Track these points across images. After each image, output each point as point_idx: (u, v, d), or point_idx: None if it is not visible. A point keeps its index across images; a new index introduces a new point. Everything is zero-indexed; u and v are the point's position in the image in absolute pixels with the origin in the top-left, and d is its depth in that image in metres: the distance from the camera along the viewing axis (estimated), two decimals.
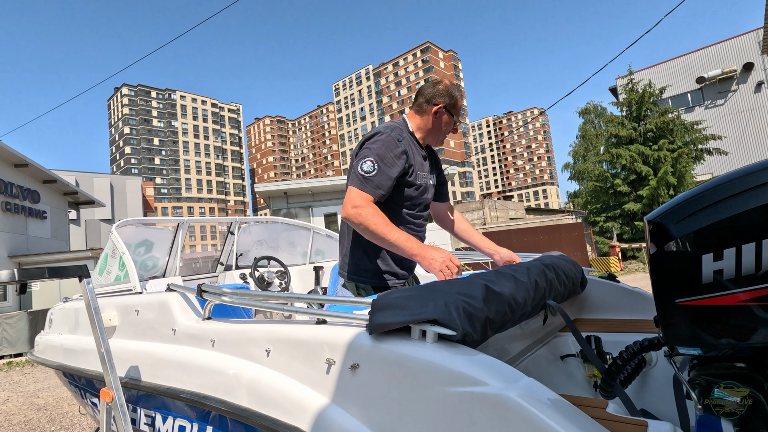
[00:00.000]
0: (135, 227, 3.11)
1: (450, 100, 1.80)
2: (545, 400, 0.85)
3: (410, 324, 1.03)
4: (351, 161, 1.77)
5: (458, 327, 1.01)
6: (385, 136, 1.68)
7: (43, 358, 2.82)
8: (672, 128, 18.97)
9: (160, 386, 1.64)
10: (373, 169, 1.59)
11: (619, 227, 19.02)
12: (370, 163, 1.61)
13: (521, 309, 1.29)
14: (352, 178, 1.65)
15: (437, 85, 1.81)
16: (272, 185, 15.39)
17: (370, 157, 1.62)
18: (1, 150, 11.75)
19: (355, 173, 1.63)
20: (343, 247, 1.85)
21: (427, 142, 1.89)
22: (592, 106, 31.96)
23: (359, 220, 1.56)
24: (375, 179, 1.60)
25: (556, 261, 1.70)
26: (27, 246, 13.09)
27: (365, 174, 1.59)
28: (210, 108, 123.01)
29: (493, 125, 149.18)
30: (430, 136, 1.85)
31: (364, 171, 1.60)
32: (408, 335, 1.04)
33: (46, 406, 5.56)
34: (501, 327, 1.18)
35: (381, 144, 1.66)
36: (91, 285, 1.53)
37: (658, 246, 1.18)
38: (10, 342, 10.43)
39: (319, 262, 4.23)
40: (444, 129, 1.83)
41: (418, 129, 1.83)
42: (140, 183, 37.58)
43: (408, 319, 1.03)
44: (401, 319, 1.03)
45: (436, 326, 1.00)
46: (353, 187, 1.61)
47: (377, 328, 1.07)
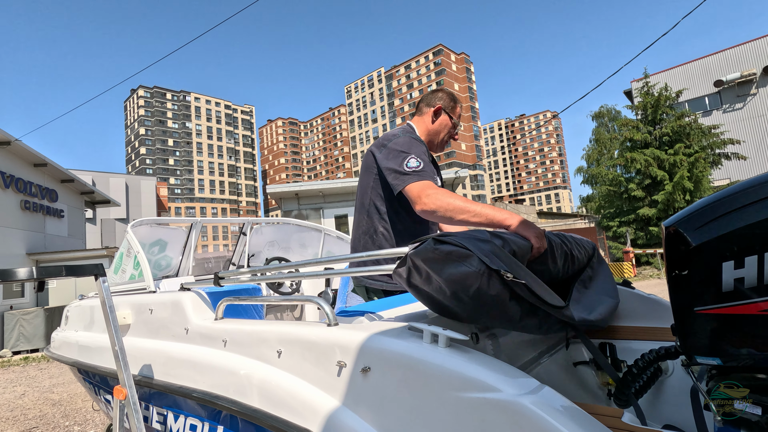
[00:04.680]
0: (149, 227, 3.15)
1: (449, 103, 1.88)
2: (559, 407, 0.84)
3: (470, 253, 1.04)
4: (373, 156, 1.76)
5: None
6: (405, 136, 1.73)
7: (59, 355, 2.87)
8: (689, 132, 18.66)
9: (173, 385, 1.65)
10: (419, 164, 1.61)
11: (633, 232, 18.73)
12: (413, 160, 1.62)
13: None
14: (398, 177, 1.61)
15: (437, 92, 1.92)
16: (284, 187, 15.50)
17: (411, 154, 1.64)
18: (20, 150, 12.04)
19: (403, 173, 1.60)
20: (356, 250, 1.86)
21: (431, 148, 1.92)
22: (606, 110, 31.62)
23: (438, 203, 1.49)
24: (426, 171, 1.61)
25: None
26: (45, 244, 13.36)
27: (415, 169, 1.59)
28: (223, 110, 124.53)
29: (505, 128, 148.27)
30: (433, 139, 1.89)
31: (412, 167, 1.60)
32: (420, 339, 1.04)
33: (61, 402, 5.66)
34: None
35: (408, 142, 1.70)
36: (107, 284, 1.56)
37: (676, 253, 1.16)
38: (27, 338, 10.65)
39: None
40: (443, 131, 1.87)
41: (422, 133, 1.88)
42: (155, 183, 38.11)
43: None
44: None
45: (448, 330, 1.00)
46: (414, 183, 1.56)
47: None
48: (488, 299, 1.06)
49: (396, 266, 1.19)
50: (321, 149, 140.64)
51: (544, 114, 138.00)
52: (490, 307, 1.08)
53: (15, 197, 12.10)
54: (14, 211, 12.06)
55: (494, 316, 1.12)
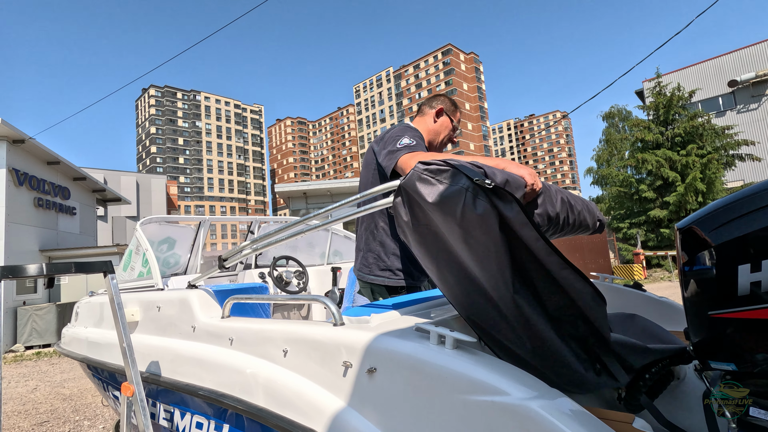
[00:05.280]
0: (158, 224, 3.18)
1: (450, 107, 1.94)
2: (569, 412, 0.82)
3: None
4: (373, 152, 1.78)
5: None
6: (400, 126, 1.78)
7: (69, 350, 2.91)
8: (702, 133, 18.37)
9: (179, 382, 1.66)
10: (412, 141, 1.61)
11: (644, 234, 18.50)
12: (407, 138, 1.63)
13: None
14: (391, 156, 1.59)
15: (438, 96, 2.00)
16: (292, 186, 15.56)
17: (405, 135, 1.65)
18: (34, 148, 12.22)
19: (394, 150, 1.59)
20: (359, 249, 1.87)
21: (430, 149, 1.94)
22: (616, 110, 31.26)
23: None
24: (419, 145, 1.62)
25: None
26: (57, 241, 13.56)
27: (408, 144, 1.60)
28: (233, 109, 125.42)
29: (514, 128, 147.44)
30: (433, 139, 1.93)
31: (404, 144, 1.60)
32: (426, 340, 1.03)
33: (71, 396, 5.74)
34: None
35: (403, 129, 1.74)
36: (115, 281, 1.57)
37: (689, 255, 1.13)
38: (39, 333, 10.82)
39: (337, 263, 4.24)
40: (443, 132, 1.91)
41: (423, 132, 1.91)
42: (165, 181, 38.48)
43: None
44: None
45: (455, 332, 0.98)
46: (404, 156, 1.54)
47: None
48: (475, 220, 0.98)
49: (393, 198, 1.16)
50: (329, 149, 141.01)
51: (554, 114, 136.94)
52: (477, 231, 1.00)
53: (29, 194, 12.29)
54: (28, 209, 12.25)
55: (482, 246, 1.02)
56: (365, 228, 1.85)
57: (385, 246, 1.78)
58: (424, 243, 1.12)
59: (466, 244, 1.02)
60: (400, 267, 1.79)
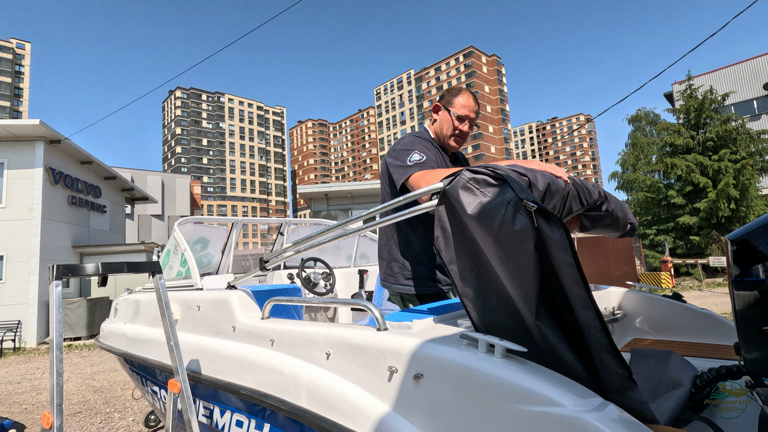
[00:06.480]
0: (194, 225, 3.26)
1: (448, 97, 1.89)
2: (623, 424, 0.81)
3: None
4: (386, 164, 1.79)
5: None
6: (410, 137, 1.81)
7: (109, 345, 3.01)
8: (735, 137, 17.71)
9: (220, 381, 1.70)
10: (421, 157, 1.63)
11: (672, 241, 17.94)
12: (416, 154, 1.65)
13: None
14: (402, 171, 1.63)
15: (443, 93, 1.98)
16: (314, 187, 15.72)
17: (414, 150, 1.67)
18: (69, 148, 12.71)
19: (405, 166, 1.62)
20: (383, 259, 1.89)
21: (444, 146, 1.94)
22: (643, 113, 30.45)
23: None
24: (428, 162, 1.64)
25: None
26: (88, 237, 14.05)
27: (418, 161, 1.62)
28: (256, 111, 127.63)
29: (536, 131, 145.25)
30: (439, 136, 1.91)
31: (414, 161, 1.63)
32: (475, 348, 1.03)
33: (102, 389, 5.93)
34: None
35: (411, 141, 1.76)
36: (163, 281, 1.63)
37: (742, 267, 1.11)
38: (70, 326, 11.23)
39: (363, 265, 4.27)
40: (445, 125, 1.87)
41: (433, 134, 1.93)
42: (189, 181, 39.41)
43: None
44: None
45: (504, 341, 0.98)
46: (415, 174, 1.58)
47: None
48: (511, 236, 0.98)
49: (437, 203, 1.18)
50: (349, 150, 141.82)
51: (577, 117, 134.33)
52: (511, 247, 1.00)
53: (63, 193, 12.78)
54: (62, 206, 12.74)
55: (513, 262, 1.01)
56: (387, 238, 1.87)
57: (411, 255, 1.80)
58: (457, 250, 1.13)
59: (498, 258, 1.03)
60: (427, 275, 1.80)
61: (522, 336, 1.06)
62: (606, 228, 1.67)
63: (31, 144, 11.68)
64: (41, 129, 11.23)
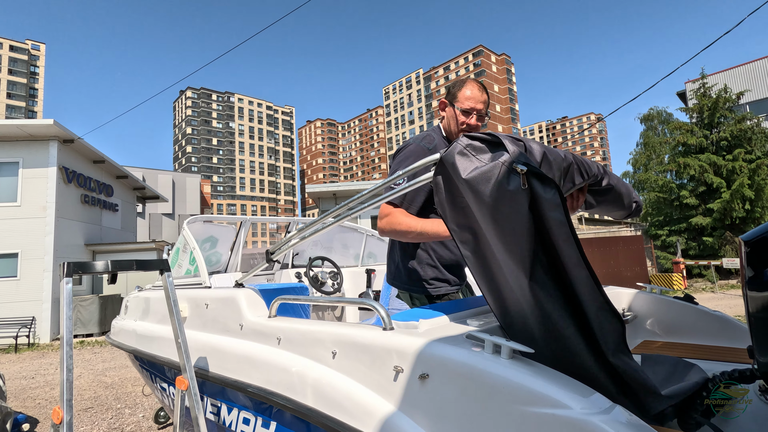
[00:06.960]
0: (202, 223, 3.29)
1: (451, 92, 1.82)
2: (631, 427, 0.80)
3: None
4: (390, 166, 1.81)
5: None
6: (413, 146, 1.73)
7: (119, 342, 3.05)
8: (750, 137, 17.39)
9: (227, 378, 1.71)
10: (400, 182, 1.53)
11: (684, 242, 17.67)
12: (400, 179, 1.57)
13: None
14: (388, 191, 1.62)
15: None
16: (322, 187, 15.78)
17: (400, 172, 1.61)
18: (83, 148, 12.91)
19: (390, 187, 1.57)
20: (393, 260, 1.89)
21: (451, 140, 1.90)
22: (655, 112, 30.08)
23: (388, 227, 1.62)
24: (408, 196, 1.65)
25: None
26: (100, 236, 14.26)
27: (398, 191, 1.57)
28: (265, 110, 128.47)
29: (546, 131, 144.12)
30: (447, 132, 1.86)
31: (399, 188, 1.58)
32: (481, 348, 1.02)
33: (113, 385, 6.02)
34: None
35: (410, 150, 1.71)
36: (171, 278, 1.64)
37: (756, 269, 1.08)
38: (83, 323, 11.40)
39: (371, 265, 4.27)
40: (451, 121, 1.81)
41: (444, 131, 1.87)
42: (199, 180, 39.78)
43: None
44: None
45: (511, 342, 0.98)
46: (384, 205, 1.65)
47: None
48: (506, 195, 0.98)
49: (434, 174, 1.19)
50: (357, 150, 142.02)
51: (588, 116, 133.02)
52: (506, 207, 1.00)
53: (76, 191, 12.98)
54: (75, 205, 12.94)
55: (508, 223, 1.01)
56: (393, 241, 1.88)
57: (419, 256, 1.80)
58: (457, 220, 1.14)
59: (493, 221, 1.03)
60: (435, 276, 1.80)
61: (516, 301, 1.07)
62: (611, 205, 1.59)
63: (45, 143, 11.87)
64: (55, 129, 11.41)
